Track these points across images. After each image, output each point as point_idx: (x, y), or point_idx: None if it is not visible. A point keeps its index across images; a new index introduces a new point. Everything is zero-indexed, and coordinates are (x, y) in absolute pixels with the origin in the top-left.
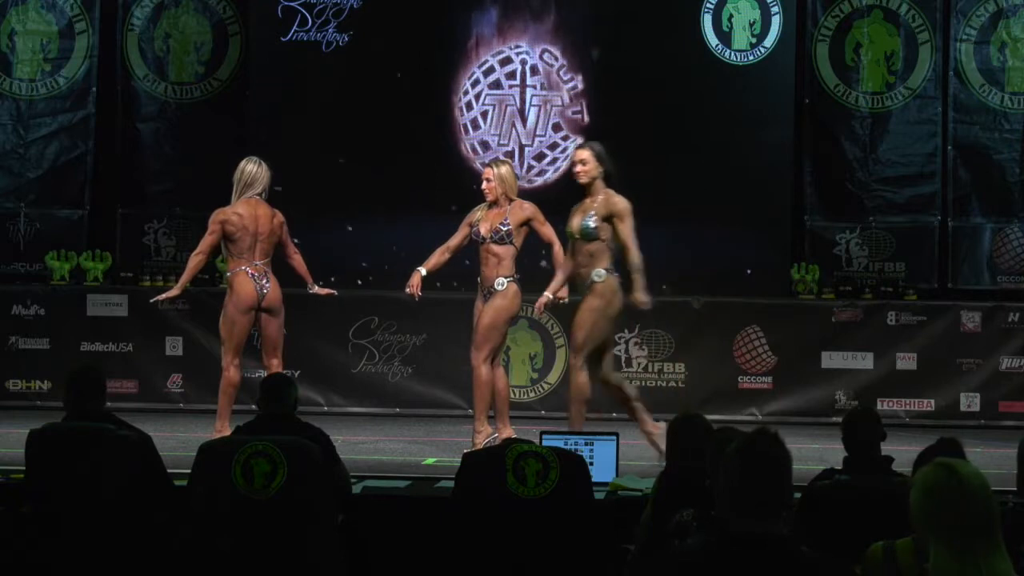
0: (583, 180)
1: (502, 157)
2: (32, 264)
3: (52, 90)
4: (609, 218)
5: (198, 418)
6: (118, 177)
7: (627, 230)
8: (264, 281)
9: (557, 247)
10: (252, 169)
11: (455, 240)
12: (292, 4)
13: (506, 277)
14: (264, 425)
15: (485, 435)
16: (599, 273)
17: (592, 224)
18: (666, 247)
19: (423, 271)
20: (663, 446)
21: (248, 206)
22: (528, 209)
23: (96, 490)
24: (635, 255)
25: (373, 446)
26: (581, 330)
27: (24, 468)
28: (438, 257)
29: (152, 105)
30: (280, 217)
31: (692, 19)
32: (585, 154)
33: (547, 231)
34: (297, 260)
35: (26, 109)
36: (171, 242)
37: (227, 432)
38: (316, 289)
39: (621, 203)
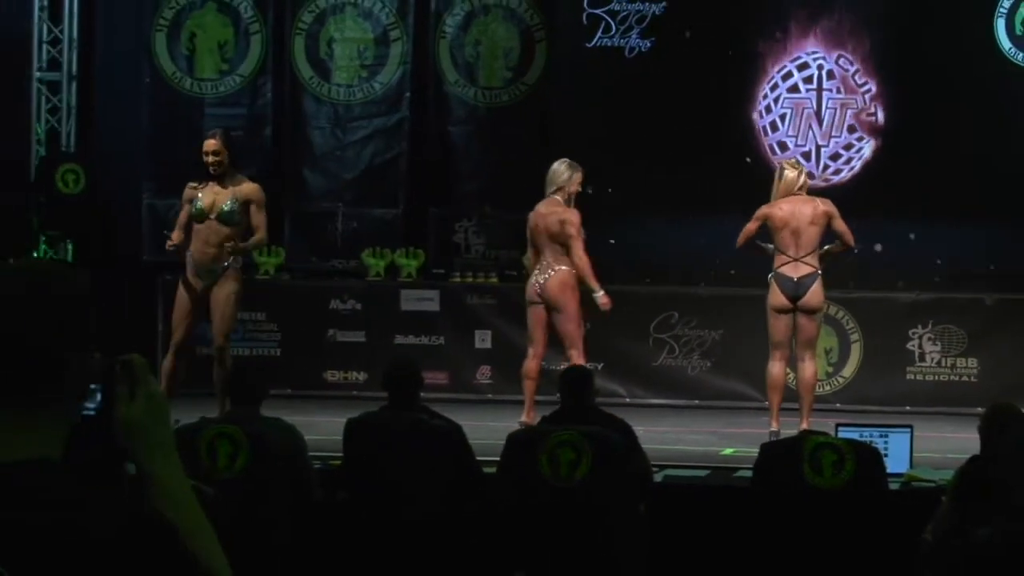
0: (219, 171)
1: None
2: (349, 261)
3: (368, 95)
4: (246, 203)
5: (506, 408)
6: (430, 178)
7: (262, 215)
8: (545, 278)
9: None
10: (552, 167)
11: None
12: (597, 12)
13: None
14: (568, 416)
15: None
16: (237, 258)
17: (234, 207)
18: (958, 245)
19: None
20: None
21: (541, 205)
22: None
23: (409, 477)
24: (263, 236)
25: (673, 437)
26: (230, 320)
27: (342, 455)
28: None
29: (462, 109)
30: (565, 215)
31: (985, 22)
32: (216, 144)
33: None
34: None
35: (344, 113)
36: (480, 240)
37: (531, 419)
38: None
39: (256, 188)
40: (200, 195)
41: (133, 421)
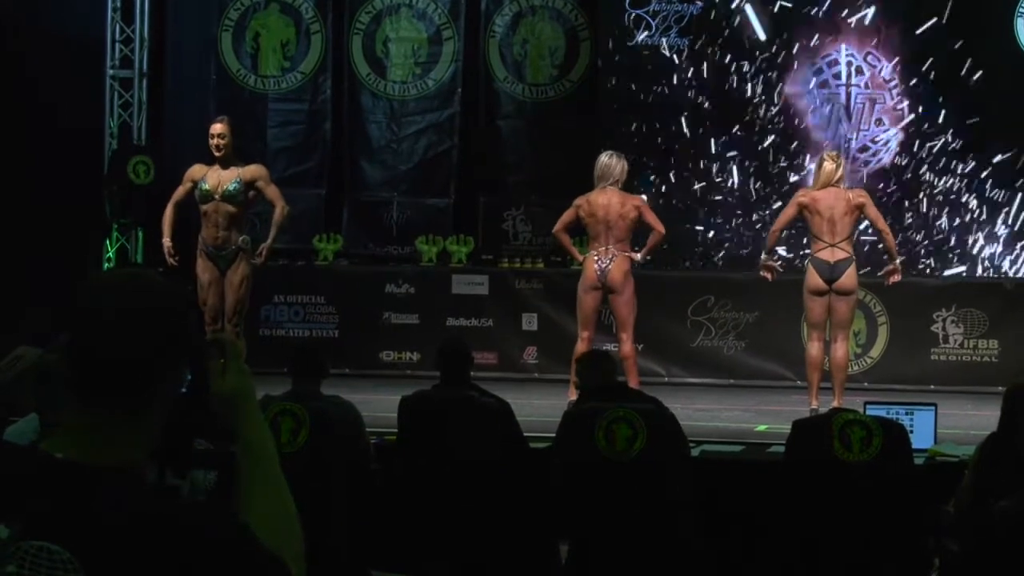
0: (223, 154)
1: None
2: (403, 247)
3: (422, 91)
4: (251, 182)
5: (551, 386)
6: (480, 169)
7: (272, 187)
8: (606, 263)
9: None
10: (604, 161)
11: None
12: (638, 12)
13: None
14: (602, 394)
15: None
16: (246, 240)
17: (238, 187)
18: (978, 233)
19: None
20: None
21: (601, 195)
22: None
23: (460, 451)
24: (283, 205)
25: (710, 414)
26: (242, 302)
27: (396, 431)
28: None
29: (510, 104)
30: (635, 201)
31: (1006, 23)
32: (223, 128)
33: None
34: (653, 238)
35: (399, 108)
36: (527, 228)
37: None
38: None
39: (259, 166)
40: (205, 177)
41: (228, 393)
